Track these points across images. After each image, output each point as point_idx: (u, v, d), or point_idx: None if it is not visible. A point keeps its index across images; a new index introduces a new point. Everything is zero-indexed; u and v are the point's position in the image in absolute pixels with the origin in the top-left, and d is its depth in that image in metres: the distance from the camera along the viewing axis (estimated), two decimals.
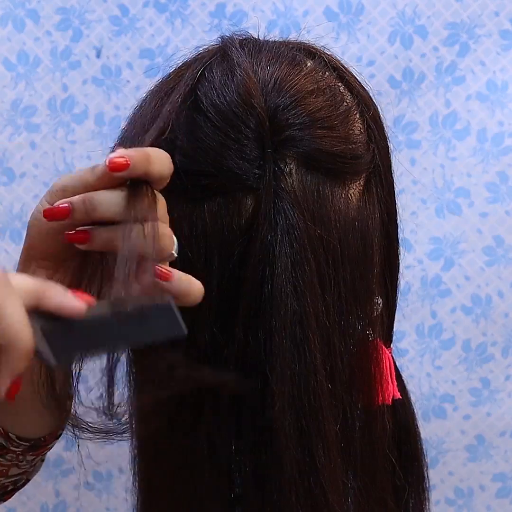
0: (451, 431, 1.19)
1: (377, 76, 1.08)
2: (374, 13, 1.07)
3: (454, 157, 1.11)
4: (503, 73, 1.09)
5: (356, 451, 0.69)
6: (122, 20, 1.08)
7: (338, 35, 1.07)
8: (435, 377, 1.17)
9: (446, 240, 1.13)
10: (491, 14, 1.07)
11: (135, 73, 1.09)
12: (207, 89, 0.64)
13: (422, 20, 1.07)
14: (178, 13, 1.07)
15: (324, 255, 0.64)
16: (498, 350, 1.16)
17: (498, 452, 1.20)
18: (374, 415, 0.71)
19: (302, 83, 0.65)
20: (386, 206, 0.70)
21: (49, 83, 1.08)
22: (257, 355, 0.62)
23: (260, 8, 1.07)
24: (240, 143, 0.62)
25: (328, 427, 0.64)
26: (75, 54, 1.08)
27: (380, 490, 0.72)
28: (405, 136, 1.11)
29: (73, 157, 1.10)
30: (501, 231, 1.13)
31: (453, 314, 1.15)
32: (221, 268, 0.63)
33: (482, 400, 1.18)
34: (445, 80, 1.09)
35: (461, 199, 1.12)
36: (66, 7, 1.07)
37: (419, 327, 1.16)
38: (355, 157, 0.66)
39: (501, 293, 1.14)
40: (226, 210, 0.63)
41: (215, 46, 0.70)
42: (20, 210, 1.11)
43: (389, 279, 0.73)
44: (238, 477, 0.68)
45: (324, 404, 0.64)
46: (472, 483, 1.21)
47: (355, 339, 0.67)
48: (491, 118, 1.10)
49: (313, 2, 1.07)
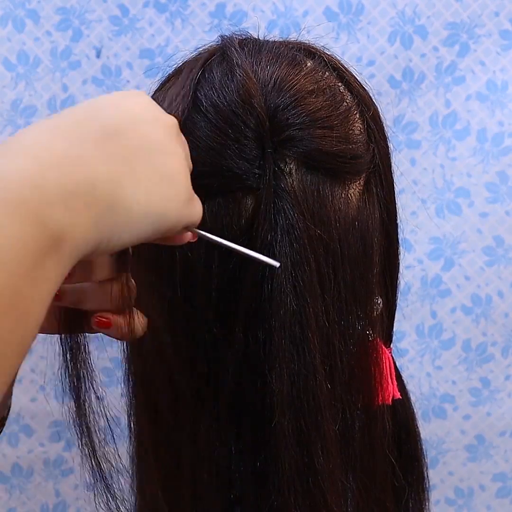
0: (451, 431, 1.19)
1: (377, 76, 1.08)
2: (374, 13, 1.07)
3: (454, 157, 1.11)
4: (503, 73, 1.09)
5: (356, 452, 0.69)
6: (122, 20, 1.08)
7: (338, 35, 1.07)
8: (435, 377, 1.17)
9: (446, 240, 1.13)
10: (491, 14, 1.08)
11: (135, 73, 1.09)
12: (207, 89, 0.64)
13: (422, 20, 1.07)
14: (178, 13, 1.07)
15: (324, 255, 0.63)
16: (498, 350, 1.17)
17: (498, 452, 1.20)
18: (374, 415, 0.71)
19: (302, 83, 0.65)
20: (386, 206, 0.70)
21: (49, 83, 1.08)
22: (256, 355, 0.62)
23: (260, 8, 1.07)
24: (240, 143, 0.62)
25: (327, 427, 0.64)
26: (75, 54, 1.08)
27: (380, 490, 0.72)
28: (405, 136, 1.11)
29: None
30: (501, 231, 1.13)
31: (453, 314, 1.15)
32: (221, 268, 0.63)
33: (482, 400, 1.18)
34: (445, 80, 1.09)
35: (461, 199, 1.12)
36: (66, 7, 1.07)
37: (419, 327, 1.16)
38: (355, 157, 0.66)
39: (501, 293, 1.15)
40: (226, 210, 0.63)
41: (215, 46, 0.70)
42: None
43: (389, 279, 0.73)
44: (237, 477, 0.67)
45: (323, 404, 0.63)
46: (472, 483, 1.21)
47: (355, 339, 0.67)
48: (491, 118, 1.10)
49: (313, 2, 1.07)
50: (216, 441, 0.66)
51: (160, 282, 0.65)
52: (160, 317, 0.65)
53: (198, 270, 0.63)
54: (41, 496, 1.20)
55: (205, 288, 0.63)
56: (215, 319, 0.64)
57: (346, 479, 0.68)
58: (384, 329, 0.73)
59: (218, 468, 0.67)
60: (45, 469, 1.20)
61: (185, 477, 0.69)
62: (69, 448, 1.19)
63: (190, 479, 0.68)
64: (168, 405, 0.68)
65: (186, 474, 0.68)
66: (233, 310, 0.63)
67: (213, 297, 0.64)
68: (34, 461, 1.19)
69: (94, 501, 0.75)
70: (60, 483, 1.20)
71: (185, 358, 0.66)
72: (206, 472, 0.67)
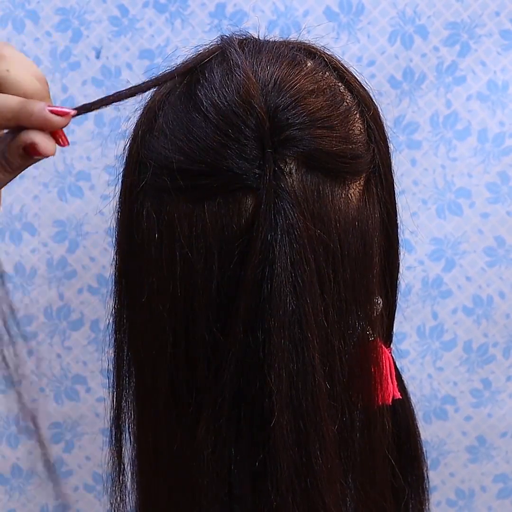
0: (452, 432, 1.19)
1: (377, 76, 1.08)
2: (375, 13, 1.07)
3: (455, 157, 1.11)
4: (504, 73, 1.09)
5: (355, 452, 0.69)
6: (121, 21, 1.07)
7: (339, 35, 1.07)
8: (436, 379, 1.17)
9: (447, 240, 1.13)
10: (491, 14, 1.07)
11: (135, 73, 1.09)
12: (207, 90, 0.64)
13: (423, 20, 1.07)
14: (178, 14, 1.07)
15: (324, 255, 0.63)
16: (500, 351, 1.16)
17: (499, 453, 1.20)
18: (374, 416, 0.71)
19: (302, 83, 0.65)
20: (386, 206, 0.70)
21: (49, 84, 1.08)
22: (256, 355, 0.62)
23: (260, 8, 1.07)
24: (240, 143, 0.62)
25: (326, 427, 0.64)
26: (74, 55, 1.08)
27: (379, 492, 0.72)
28: (406, 137, 1.11)
29: (73, 158, 1.10)
30: (502, 232, 1.13)
31: (454, 315, 1.15)
32: (221, 268, 0.63)
33: (483, 401, 1.18)
34: (445, 80, 1.09)
35: (462, 199, 1.12)
36: (65, 8, 1.07)
37: (420, 328, 1.16)
38: (355, 157, 0.66)
39: (503, 294, 1.14)
40: (226, 209, 0.63)
41: (215, 46, 0.70)
42: (19, 211, 1.11)
43: (389, 279, 0.73)
44: (236, 477, 0.67)
45: (322, 404, 0.63)
46: (473, 484, 1.21)
47: (354, 339, 0.67)
48: (492, 118, 1.10)
49: (313, 2, 1.07)
50: (215, 441, 0.66)
51: (160, 282, 0.65)
52: (160, 317, 0.65)
53: (198, 270, 0.63)
54: (40, 497, 1.20)
55: (205, 288, 0.63)
56: (215, 319, 0.64)
57: (345, 480, 0.68)
58: (384, 329, 0.73)
59: (217, 469, 0.67)
60: (44, 471, 1.19)
61: (184, 478, 0.69)
62: (69, 450, 1.19)
63: (189, 480, 0.68)
64: (167, 405, 0.68)
65: (185, 475, 0.68)
66: (233, 310, 0.63)
67: (213, 297, 0.63)
68: (34, 462, 1.19)
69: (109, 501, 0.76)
70: (60, 485, 1.20)
71: (185, 358, 0.66)
72: (205, 472, 0.67)
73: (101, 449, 1.19)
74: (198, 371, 0.66)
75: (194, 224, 0.63)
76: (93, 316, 1.15)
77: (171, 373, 0.67)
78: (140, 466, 0.74)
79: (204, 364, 0.65)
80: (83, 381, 1.17)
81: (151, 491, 0.73)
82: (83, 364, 1.16)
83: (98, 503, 1.21)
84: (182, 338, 0.66)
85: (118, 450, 0.75)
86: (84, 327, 1.15)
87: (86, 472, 1.20)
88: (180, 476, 0.69)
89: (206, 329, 0.64)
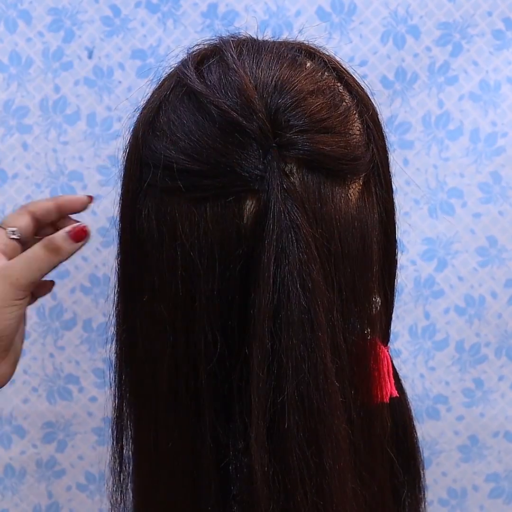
0: (444, 432, 1.19)
1: (369, 76, 1.08)
2: (367, 13, 1.07)
3: (447, 157, 1.11)
4: (496, 73, 1.09)
5: (356, 450, 0.69)
6: (114, 21, 1.07)
7: (331, 35, 1.07)
8: (429, 378, 1.17)
9: (439, 240, 1.13)
10: (484, 14, 1.08)
11: (127, 73, 1.09)
12: (208, 90, 0.64)
13: (415, 20, 1.07)
14: (170, 14, 1.07)
15: (326, 254, 0.64)
16: (492, 351, 1.17)
17: (491, 453, 1.20)
18: (373, 413, 0.71)
19: (302, 84, 0.65)
20: (385, 205, 0.70)
21: (41, 84, 1.08)
22: (264, 354, 0.62)
23: (252, 8, 1.07)
24: (242, 144, 0.62)
25: (339, 426, 0.63)
26: (67, 55, 1.08)
27: (379, 488, 0.72)
28: (398, 137, 1.11)
29: (65, 158, 1.10)
30: (494, 232, 1.13)
31: (446, 315, 1.15)
32: (223, 269, 0.63)
33: (476, 401, 1.18)
34: (438, 80, 1.09)
35: (454, 199, 1.12)
36: (58, 8, 1.07)
37: (412, 328, 1.16)
38: (355, 157, 0.66)
39: (495, 294, 1.15)
40: (228, 210, 0.63)
41: (213, 46, 0.70)
42: (12, 211, 1.11)
43: (387, 277, 0.73)
44: (237, 477, 0.67)
45: (335, 402, 0.63)
46: (465, 483, 1.21)
47: (354, 337, 0.67)
48: (484, 118, 1.10)
49: (305, 2, 1.07)
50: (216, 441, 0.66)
51: (161, 282, 0.65)
52: (160, 317, 0.65)
53: (200, 270, 0.63)
54: (33, 497, 1.20)
55: (206, 288, 0.63)
56: (216, 319, 0.64)
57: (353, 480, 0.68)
58: (382, 328, 0.73)
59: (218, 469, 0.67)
60: (37, 470, 1.19)
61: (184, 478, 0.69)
62: (62, 450, 1.19)
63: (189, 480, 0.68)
64: (166, 405, 0.68)
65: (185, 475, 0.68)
66: (234, 310, 0.63)
67: (214, 298, 0.64)
68: (26, 462, 1.19)
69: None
70: (52, 485, 1.20)
71: (185, 358, 0.66)
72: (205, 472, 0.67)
73: (93, 449, 1.19)
74: (198, 371, 0.66)
75: (196, 224, 0.63)
76: (86, 316, 1.15)
77: (171, 373, 0.67)
78: (138, 466, 0.74)
79: (209, 364, 0.65)
80: (76, 380, 1.17)
81: (149, 491, 0.73)
82: (76, 364, 1.16)
83: (91, 502, 1.20)
84: (182, 338, 0.66)
85: (119, 450, 0.75)
86: (77, 326, 1.15)
87: (78, 472, 1.20)
88: (179, 476, 0.69)
89: (208, 329, 0.64)
